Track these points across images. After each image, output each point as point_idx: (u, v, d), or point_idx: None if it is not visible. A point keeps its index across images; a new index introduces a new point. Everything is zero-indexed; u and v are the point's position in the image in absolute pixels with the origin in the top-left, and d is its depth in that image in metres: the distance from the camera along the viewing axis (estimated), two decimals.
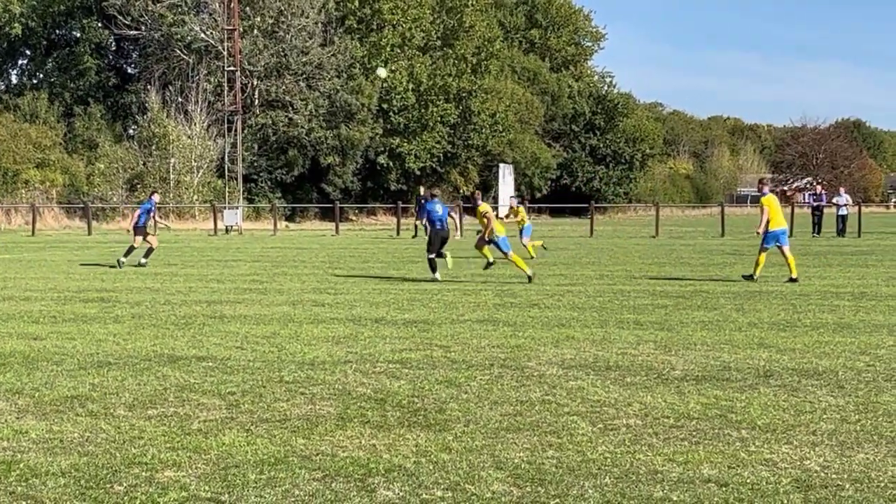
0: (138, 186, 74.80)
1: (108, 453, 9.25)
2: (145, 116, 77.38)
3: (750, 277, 26.73)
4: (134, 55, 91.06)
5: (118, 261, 33.07)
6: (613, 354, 14.65)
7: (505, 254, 27.40)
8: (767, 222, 26.40)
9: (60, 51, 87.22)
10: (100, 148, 77.03)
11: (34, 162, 74.39)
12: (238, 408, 11.12)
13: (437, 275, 27.02)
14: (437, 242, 27.64)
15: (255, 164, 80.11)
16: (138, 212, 35.06)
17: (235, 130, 76.08)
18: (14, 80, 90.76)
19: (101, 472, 8.64)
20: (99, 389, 12.09)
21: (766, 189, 27.88)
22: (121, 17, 79.79)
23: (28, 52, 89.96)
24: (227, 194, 73.97)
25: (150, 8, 79.75)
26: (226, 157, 76.48)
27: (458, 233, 38.56)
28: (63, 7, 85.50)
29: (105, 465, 8.88)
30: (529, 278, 26.48)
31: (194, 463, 8.94)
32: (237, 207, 68.19)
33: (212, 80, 79.02)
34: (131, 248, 33.81)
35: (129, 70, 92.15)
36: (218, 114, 77.55)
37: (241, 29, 77.75)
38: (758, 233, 26.88)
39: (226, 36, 77.32)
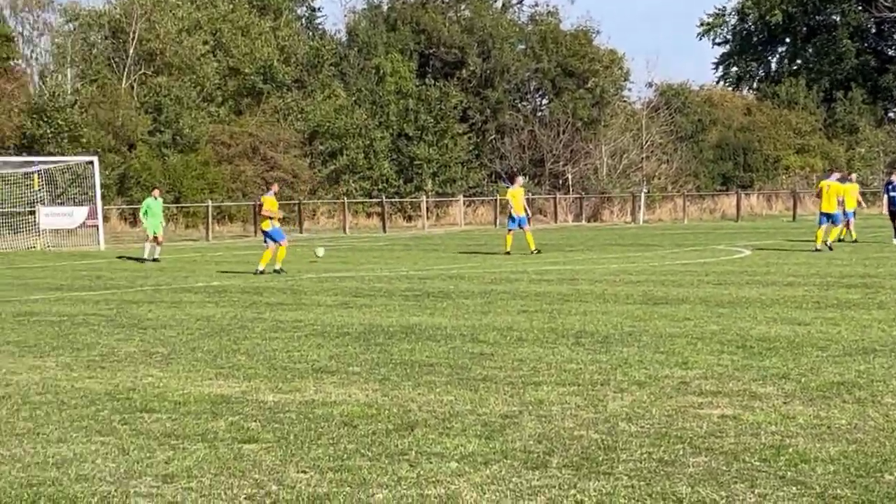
0: None
1: (877, 441, 9.11)
2: None
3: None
4: (894, 37, 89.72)
5: None
6: None
7: None
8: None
9: (819, 36, 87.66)
10: (860, 132, 76.71)
11: (794, 148, 75.48)
12: None
13: None
14: None
15: None
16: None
17: None
18: (773, 67, 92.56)
19: (870, 461, 8.51)
20: (865, 376, 11.94)
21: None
22: (881, 1, 78.62)
23: (787, 40, 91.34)
24: None
25: None
26: None
27: None
28: None
29: (874, 453, 8.74)
30: None
31: None
32: None
33: None
34: None
35: (890, 52, 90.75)
36: None
37: None
38: None
39: None
